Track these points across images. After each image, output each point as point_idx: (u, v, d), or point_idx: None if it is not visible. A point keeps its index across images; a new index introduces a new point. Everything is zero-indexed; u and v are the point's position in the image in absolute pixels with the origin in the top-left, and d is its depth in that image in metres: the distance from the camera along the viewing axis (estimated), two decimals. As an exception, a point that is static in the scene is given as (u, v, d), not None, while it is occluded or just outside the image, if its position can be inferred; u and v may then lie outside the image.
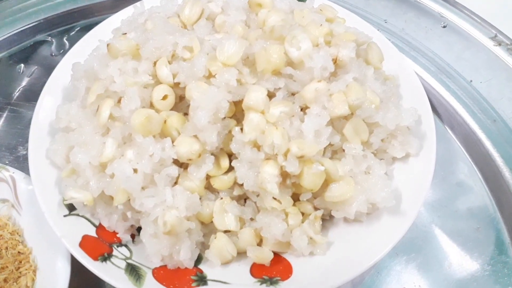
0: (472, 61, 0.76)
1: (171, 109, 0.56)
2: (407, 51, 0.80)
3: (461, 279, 0.60)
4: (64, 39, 0.86)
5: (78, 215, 0.55)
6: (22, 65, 0.82)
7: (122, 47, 0.57)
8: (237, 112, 0.57)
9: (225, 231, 0.54)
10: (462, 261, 0.62)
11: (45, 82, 0.77)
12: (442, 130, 0.73)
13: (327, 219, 0.58)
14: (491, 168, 0.68)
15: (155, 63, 0.57)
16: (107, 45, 0.57)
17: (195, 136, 0.53)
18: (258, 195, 0.55)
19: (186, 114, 0.57)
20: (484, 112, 0.72)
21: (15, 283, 0.54)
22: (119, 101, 0.56)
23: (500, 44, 0.75)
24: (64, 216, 0.55)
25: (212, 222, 0.54)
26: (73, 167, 0.55)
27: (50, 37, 0.86)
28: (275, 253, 0.54)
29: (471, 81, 0.75)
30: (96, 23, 0.78)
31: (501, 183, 0.67)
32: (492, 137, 0.70)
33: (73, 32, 0.87)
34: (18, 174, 0.61)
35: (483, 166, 0.69)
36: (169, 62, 0.57)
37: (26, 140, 0.72)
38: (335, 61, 0.57)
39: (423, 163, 0.59)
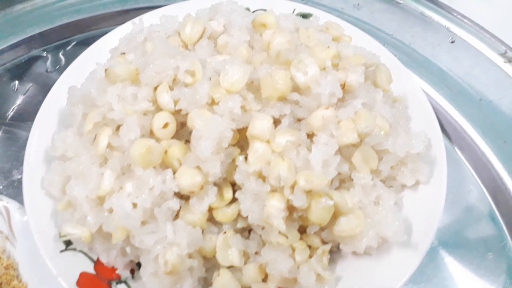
0: (482, 78, 0.74)
1: (173, 137, 0.54)
2: (414, 67, 0.77)
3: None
4: (60, 54, 0.83)
5: (75, 250, 0.53)
6: (17, 82, 0.80)
7: (121, 72, 0.54)
8: (241, 139, 0.54)
9: (229, 267, 0.52)
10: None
11: (40, 100, 0.74)
12: (451, 151, 0.71)
13: (335, 251, 0.56)
14: (502, 192, 0.66)
15: (155, 88, 0.55)
16: (105, 70, 0.55)
17: (198, 167, 0.51)
18: (263, 228, 0.52)
19: (188, 141, 0.54)
20: (494, 132, 0.69)
21: (9, 321, 0.52)
22: (117, 128, 0.54)
23: (510, 61, 0.73)
24: (61, 251, 0.52)
25: (215, 256, 0.52)
26: (70, 200, 0.52)
27: (45, 52, 0.83)
28: (281, 289, 0.52)
29: (480, 99, 0.72)
30: (93, 37, 0.75)
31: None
32: (503, 159, 0.67)
33: (69, 47, 0.84)
34: (12, 204, 0.59)
35: (494, 190, 0.67)
36: (170, 88, 0.54)
37: (21, 163, 0.69)
38: (343, 86, 0.54)
39: (434, 191, 0.57)
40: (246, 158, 0.52)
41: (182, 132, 0.56)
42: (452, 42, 0.77)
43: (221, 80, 0.52)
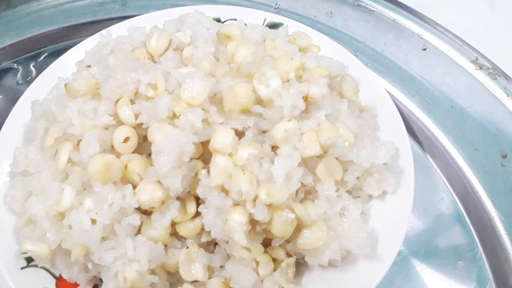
0: (453, 85, 0.74)
1: (135, 151, 0.53)
2: (387, 74, 0.77)
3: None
4: (31, 66, 0.82)
5: (36, 266, 0.52)
6: (-15, 94, 0.79)
7: (81, 87, 0.54)
8: (205, 152, 0.54)
9: (193, 281, 0.51)
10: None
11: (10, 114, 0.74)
12: (423, 159, 0.71)
13: (302, 263, 0.55)
14: (472, 200, 0.66)
15: (116, 102, 0.54)
16: (65, 85, 0.54)
17: (158, 182, 0.50)
18: (227, 242, 0.52)
19: (150, 155, 0.53)
20: (466, 140, 0.69)
21: None
22: (78, 143, 0.53)
23: (481, 68, 0.73)
24: (22, 268, 0.52)
25: (178, 271, 0.52)
26: (30, 216, 0.51)
27: (16, 64, 0.82)
28: (245, 304, 0.51)
29: (452, 107, 0.72)
30: (65, 48, 0.75)
31: (483, 216, 0.64)
32: (474, 167, 0.67)
33: (40, 59, 0.83)
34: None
35: (465, 198, 0.66)
36: (132, 101, 0.54)
37: None
38: (305, 98, 0.54)
39: (401, 201, 0.56)
40: (209, 172, 0.51)
41: (145, 146, 0.55)
42: (424, 49, 0.77)
43: (181, 93, 0.52)
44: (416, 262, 0.63)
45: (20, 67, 0.82)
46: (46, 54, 0.84)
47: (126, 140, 0.52)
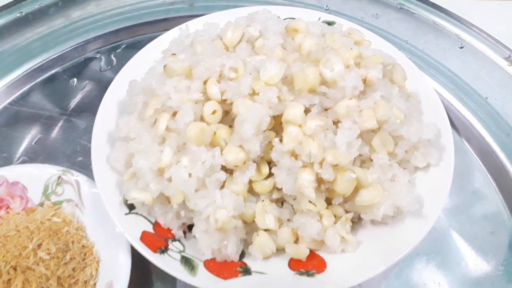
0: (488, 79, 0.82)
1: (219, 122, 0.64)
2: (427, 69, 0.87)
3: (476, 278, 0.67)
4: (112, 56, 0.94)
5: (137, 213, 0.63)
6: (75, 79, 0.91)
7: (177, 68, 0.64)
8: (276, 125, 0.64)
9: (266, 230, 0.61)
10: (477, 262, 0.68)
11: (96, 95, 0.86)
12: (460, 143, 0.80)
13: (356, 222, 0.64)
14: (504, 178, 0.74)
15: (205, 82, 0.65)
16: (164, 66, 0.65)
17: (241, 146, 0.61)
18: (294, 199, 0.62)
19: (231, 126, 0.64)
20: (498, 126, 0.78)
21: (81, 272, 0.62)
22: (173, 114, 0.64)
23: (513, 64, 0.81)
24: (125, 214, 0.62)
25: (253, 221, 0.61)
26: (134, 171, 0.62)
27: (99, 54, 0.95)
28: (310, 250, 0.61)
29: (486, 98, 0.81)
30: (140, 41, 0.87)
31: (514, 192, 0.73)
32: (506, 150, 0.76)
33: (119, 50, 0.95)
34: (81, 178, 0.69)
35: (497, 176, 0.75)
36: (217, 82, 0.65)
37: (81, 148, 0.82)
38: (364, 81, 0.64)
39: (443, 172, 0.65)
40: (280, 140, 0.61)
41: (227, 119, 0.65)
42: (461, 47, 0.86)
43: (261, 75, 0.62)
44: (453, 230, 0.71)
45: (102, 57, 0.95)
46: (124, 45, 0.96)
47: (213, 112, 0.63)
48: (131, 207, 0.63)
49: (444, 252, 0.69)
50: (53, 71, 0.92)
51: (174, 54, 0.74)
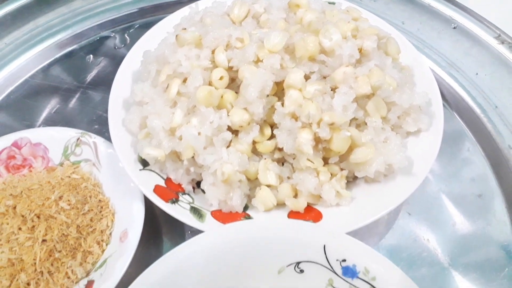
0: (478, 57, 0.88)
1: (226, 88, 0.70)
2: (422, 48, 0.92)
3: (463, 235, 0.72)
4: (125, 35, 1.01)
5: (150, 170, 0.69)
6: (91, 55, 0.98)
7: (188, 37, 0.70)
8: (279, 92, 0.69)
9: (268, 186, 0.67)
10: (465, 221, 0.73)
11: (110, 70, 0.92)
12: (451, 115, 0.85)
13: (351, 181, 0.70)
14: (491, 146, 0.79)
15: (213, 51, 0.70)
16: (176, 35, 0.71)
17: (245, 109, 0.66)
18: (294, 158, 0.67)
19: (236, 92, 0.70)
20: (487, 100, 0.83)
21: (98, 223, 0.68)
22: (184, 81, 0.70)
23: (503, 43, 0.86)
24: (139, 170, 0.68)
25: (256, 179, 0.67)
26: (149, 130, 0.68)
27: (113, 33, 1.01)
28: (308, 204, 0.66)
29: (477, 74, 0.86)
30: (152, 22, 0.92)
31: (500, 159, 0.78)
32: (493, 121, 0.81)
33: (132, 29, 1.02)
34: (98, 139, 0.75)
35: (485, 145, 0.80)
36: (225, 50, 0.70)
37: (97, 117, 0.88)
38: (360, 50, 0.69)
39: (432, 136, 0.70)
40: (282, 104, 0.67)
41: (233, 85, 0.71)
42: (454, 28, 0.91)
43: (265, 43, 0.68)
44: (443, 192, 0.76)
45: (116, 36, 1.01)
46: (137, 25, 1.02)
47: (221, 78, 0.68)
48: (144, 163, 0.69)
49: (434, 213, 0.74)
50: (71, 48, 0.99)
51: (185, 28, 0.79)
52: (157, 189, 0.66)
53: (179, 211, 0.63)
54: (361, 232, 0.50)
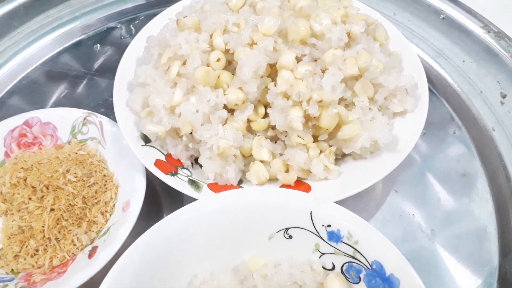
0: (465, 46, 0.92)
1: (223, 69, 0.74)
2: (411, 38, 0.96)
3: (447, 211, 0.75)
4: (131, 26, 1.06)
5: (151, 146, 0.73)
6: (98, 45, 1.03)
7: (188, 22, 0.75)
8: (272, 73, 0.74)
9: (261, 161, 0.71)
10: (449, 198, 0.77)
11: (116, 58, 0.96)
12: (438, 101, 0.89)
13: (339, 159, 0.74)
14: (476, 128, 0.83)
15: (211, 35, 0.75)
16: (177, 20, 0.76)
17: (240, 88, 0.71)
18: (286, 136, 0.72)
19: (233, 74, 0.74)
20: (472, 86, 0.87)
21: (103, 195, 0.73)
22: (184, 63, 0.75)
23: (489, 32, 0.90)
24: (141, 146, 0.73)
25: (250, 156, 0.71)
26: (150, 109, 0.73)
27: (119, 24, 1.07)
28: (298, 178, 0.71)
29: (463, 61, 0.90)
30: (156, 14, 0.97)
31: (484, 141, 0.82)
32: (478, 105, 0.85)
33: (137, 21, 1.07)
34: (104, 119, 0.80)
35: (470, 128, 0.84)
36: (222, 34, 0.75)
37: (103, 101, 0.93)
38: (348, 34, 0.74)
39: (417, 116, 0.74)
40: (275, 84, 0.71)
41: (229, 68, 0.75)
42: (443, 18, 0.95)
43: (259, 27, 0.72)
44: (428, 171, 0.80)
45: (122, 27, 1.06)
46: (142, 17, 1.08)
47: (218, 60, 0.73)
48: (147, 140, 0.74)
49: (420, 191, 0.78)
50: (79, 38, 1.05)
51: (186, 16, 0.84)
52: (157, 163, 0.70)
53: (178, 182, 0.68)
54: (350, 208, 0.54)
